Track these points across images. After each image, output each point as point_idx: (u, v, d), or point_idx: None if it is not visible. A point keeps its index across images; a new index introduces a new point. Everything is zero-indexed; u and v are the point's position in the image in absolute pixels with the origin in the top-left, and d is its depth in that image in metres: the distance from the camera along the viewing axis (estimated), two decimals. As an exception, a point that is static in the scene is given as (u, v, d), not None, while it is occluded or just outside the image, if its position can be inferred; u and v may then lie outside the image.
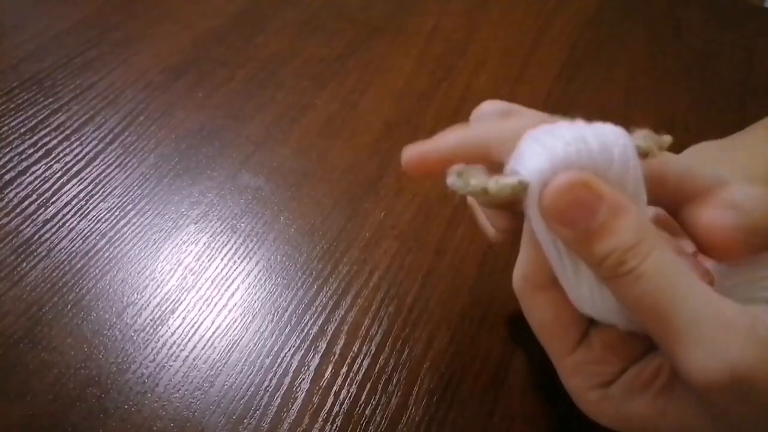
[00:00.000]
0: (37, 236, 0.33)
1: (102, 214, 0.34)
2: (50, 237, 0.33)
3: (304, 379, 0.28)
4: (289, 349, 0.29)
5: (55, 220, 0.34)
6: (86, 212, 0.34)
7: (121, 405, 0.27)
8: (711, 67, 0.47)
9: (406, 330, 0.30)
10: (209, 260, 0.32)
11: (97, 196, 0.35)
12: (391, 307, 0.31)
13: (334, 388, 0.28)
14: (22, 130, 0.38)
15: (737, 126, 0.33)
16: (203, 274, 0.32)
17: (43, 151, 0.37)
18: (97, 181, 0.36)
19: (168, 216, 0.34)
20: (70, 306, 0.30)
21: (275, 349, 0.29)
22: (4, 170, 0.36)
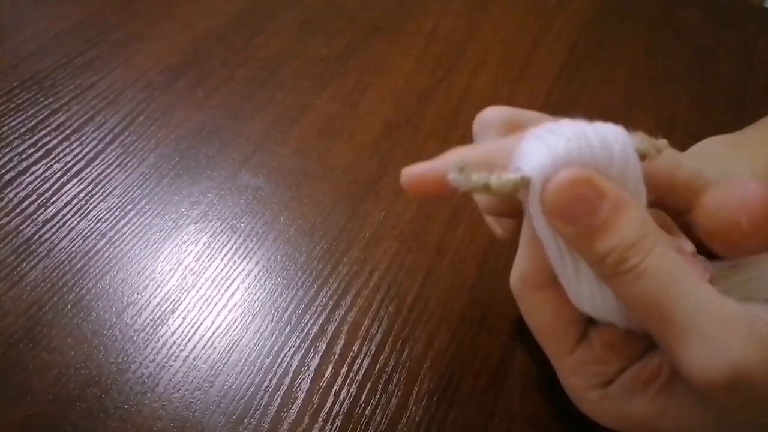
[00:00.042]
0: (37, 236, 0.33)
1: (102, 214, 0.34)
2: (50, 237, 0.33)
3: (304, 379, 0.28)
4: (289, 349, 0.29)
5: (55, 220, 0.34)
6: (86, 212, 0.34)
7: (121, 405, 0.27)
8: (711, 67, 0.47)
9: (406, 330, 0.30)
10: (209, 260, 0.32)
11: (97, 196, 0.35)
12: (391, 307, 0.31)
13: (334, 388, 0.28)
14: (22, 130, 0.38)
15: (737, 126, 0.33)
16: (203, 274, 0.32)
17: (43, 151, 0.37)
18: (97, 181, 0.36)
19: (168, 216, 0.34)
20: (70, 306, 0.30)
21: (275, 349, 0.29)
22: (4, 170, 0.36)
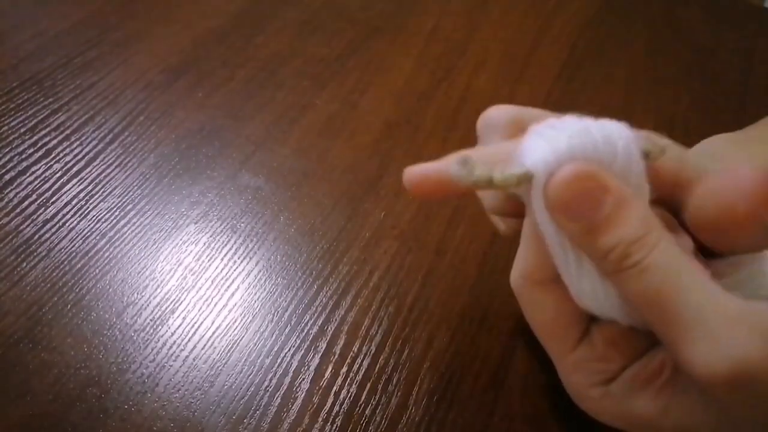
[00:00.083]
0: (37, 236, 0.33)
1: (102, 214, 0.34)
2: (50, 237, 0.33)
3: (304, 379, 0.28)
4: (289, 349, 0.29)
5: (55, 220, 0.34)
6: (86, 212, 0.34)
7: (121, 405, 0.27)
8: (711, 67, 0.47)
9: (406, 330, 0.30)
10: (209, 260, 0.32)
11: (97, 196, 0.35)
12: (391, 307, 0.31)
13: (334, 388, 0.28)
14: (22, 130, 0.38)
15: (737, 126, 0.33)
16: (203, 274, 0.32)
17: (43, 151, 0.37)
18: (97, 181, 0.36)
19: (168, 216, 0.34)
20: (70, 306, 0.30)
21: (275, 349, 0.29)
22: (4, 170, 0.36)
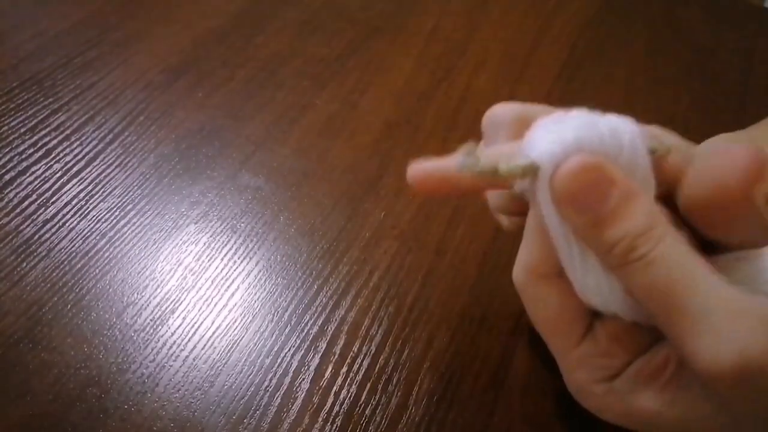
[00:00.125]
0: (37, 236, 0.33)
1: (102, 214, 0.34)
2: (50, 237, 0.33)
3: (304, 379, 0.28)
4: (289, 349, 0.29)
5: (55, 220, 0.34)
6: (86, 212, 0.34)
7: (121, 405, 0.27)
8: (711, 67, 0.47)
9: (406, 330, 0.30)
10: (209, 260, 0.32)
11: (97, 196, 0.35)
12: (391, 307, 0.31)
13: (334, 388, 0.28)
14: (22, 130, 0.38)
15: (737, 126, 0.33)
16: (203, 274, 0.32)
17: (43, 151, 0.37)
18: (97, 181, 0.36)
19: (168, 216, 0.34)
20: (70, 306, 0.30)
21: (275, 349, 0.29)
22: (4, 170, 0.36)
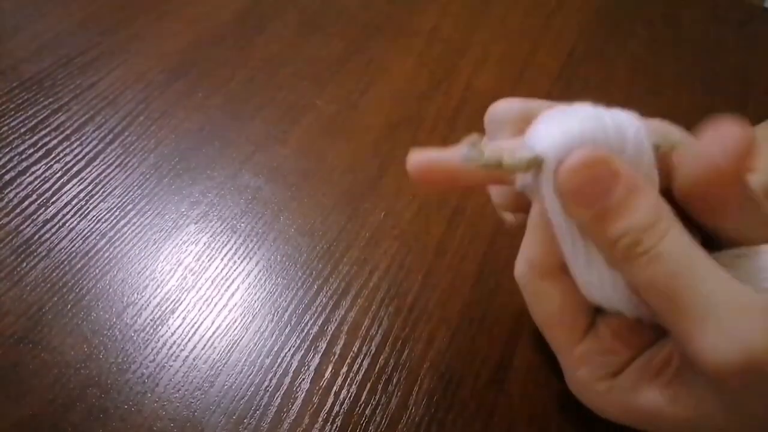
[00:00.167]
0: (37, 236, 0.33)
1: (102, 214, 0.34)
2: (50, 237, 0.33)
3: (304, 379, 0.28)
4: (289, 349, 0.29)
5: (55, 220, 0.34)
6: (86, 212, 0.34)
7: (121, 405, 0.27)
8: (711, 67, 0.47)
9: (406, 330, 0.30)
10: (209, 260, 0.32)
11: (97, 196, 0.35)
12: (391, 307, 0.31)
13: (334, 388, 0.28)
14: (22, 130, 0.38)
15: (737, 126, 0.33)
16: (203, 274, 0.32)
17: (43, 151, 0.37)
18: (97, 181, 0.36)
19: (168, 216, 0.34)
20: (70, 306, 0.30)
21: (275, 349, 0.29)
22: (4, 170, 0.36)
